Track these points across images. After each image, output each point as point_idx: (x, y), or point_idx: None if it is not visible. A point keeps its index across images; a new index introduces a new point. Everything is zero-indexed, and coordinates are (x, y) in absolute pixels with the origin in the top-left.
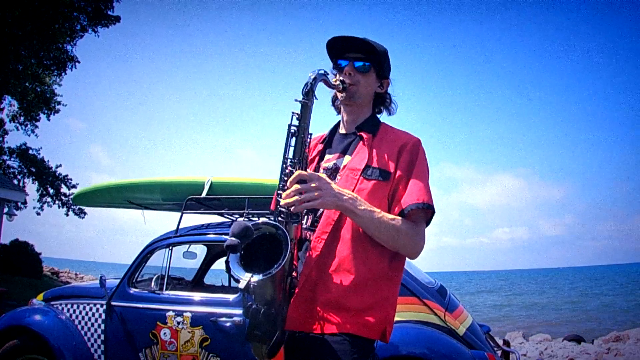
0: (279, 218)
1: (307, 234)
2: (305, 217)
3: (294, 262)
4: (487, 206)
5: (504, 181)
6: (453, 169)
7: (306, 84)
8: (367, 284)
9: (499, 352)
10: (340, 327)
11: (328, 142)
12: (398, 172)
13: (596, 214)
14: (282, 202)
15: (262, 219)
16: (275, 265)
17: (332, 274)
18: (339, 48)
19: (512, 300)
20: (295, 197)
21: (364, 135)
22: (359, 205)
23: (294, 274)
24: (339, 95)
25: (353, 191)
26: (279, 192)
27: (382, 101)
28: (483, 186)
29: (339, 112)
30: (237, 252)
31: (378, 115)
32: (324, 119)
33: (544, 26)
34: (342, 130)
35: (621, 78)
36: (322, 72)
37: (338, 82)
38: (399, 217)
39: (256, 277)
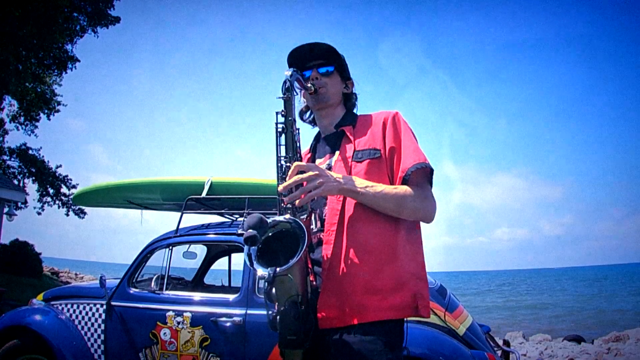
0: (287, 215)
1: (319, 236)
2: (313, 221)
3: (309, 265)
4: (487, 206)
5: (504, 181)
6: (453, 168)
7: (285, 82)
8: (389, 261)
9: (499, 352)
10: (373, 314)
11: (314, 150)
12: (388, 146)
13: (595, 214)
14: (285, 196)
15: (273, 218)
16: (297, 252)
17: (351, 261)
18: (300, 60)
19: (512, 300)
20: (299, 189)
21: (345, 129)
22: (360, 184)
23: (311, 277)
24: (310, 102)
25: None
26: (279, 191)
27: (350, 100)
28: (483, 186)
29: (314, 125)
30: (256, 244)
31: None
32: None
33: (545, 25)
34: (324, 136)
35: (620, 78)
36: (296, 70)
37: (310, 85)
38: (402, 185)
39: (280, 268)
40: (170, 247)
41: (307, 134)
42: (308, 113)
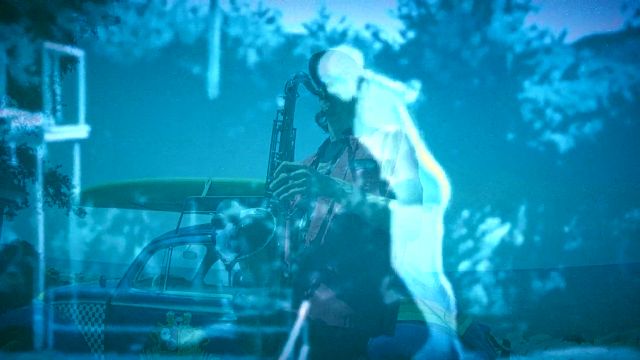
0: (268, 209)
1: (303, 235)
2: (301, 220)
3: (285, 261)
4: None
5: (503, 181)
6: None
7: (288, 82)
8: (364, 271)
9: (499, 352)
10: (334, 319)
11: (320, 154)
12: (385, 159)
13: (594, 213)
14: (271, 191)
15: (249, 209)
16: (261, 244)
17: (325, 264)
18: (318, 65)
19: (513, 299)
20: (283, 186)
21: (350, 137)
22: (347, 190)
23: (286, 274)
24: (322, 107)
25: None
26: (267, 186)
27: (362, 110)
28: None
29: (326, 129)
30: (223, 227)
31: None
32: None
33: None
34: (332, 141)
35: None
36: (303, 74)
37: (320, 90)
38: (392, 199)
39: (242, 256)
40: (170, 247)
41: (315, 137)
42: (324, 118)
